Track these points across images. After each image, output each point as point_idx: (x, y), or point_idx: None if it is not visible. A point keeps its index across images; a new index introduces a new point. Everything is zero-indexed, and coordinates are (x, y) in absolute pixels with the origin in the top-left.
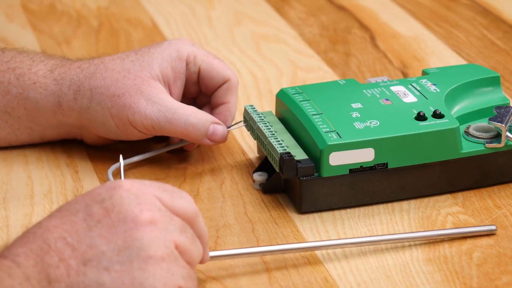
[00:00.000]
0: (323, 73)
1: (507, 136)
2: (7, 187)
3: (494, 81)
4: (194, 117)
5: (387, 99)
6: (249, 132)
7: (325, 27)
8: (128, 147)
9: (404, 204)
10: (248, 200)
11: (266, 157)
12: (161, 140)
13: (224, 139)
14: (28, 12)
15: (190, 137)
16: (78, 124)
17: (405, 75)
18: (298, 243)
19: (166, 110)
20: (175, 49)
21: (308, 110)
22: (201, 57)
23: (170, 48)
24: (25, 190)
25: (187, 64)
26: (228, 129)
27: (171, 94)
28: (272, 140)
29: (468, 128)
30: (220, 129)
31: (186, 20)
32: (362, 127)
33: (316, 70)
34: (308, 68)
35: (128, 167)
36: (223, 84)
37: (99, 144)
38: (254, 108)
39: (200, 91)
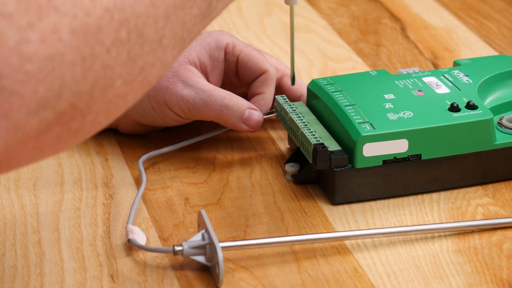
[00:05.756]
0: (353, 64)
1: None
2: (37, 174)
3: None
4: (229, 99)
5: (419, 90)
6: (278, 122)
7: (356, 17)
8: (159, 137)
9: (434, 195)
10: (278, 190)
11: (298, 148)
12: (192, 130)
13: (258, 125)
14: None
15: (225, 120)
16: None
17: (436, 66)
18: (327, 232)
19: (203, 92)
20: (214, 38)
21: (341, 101)
22: (240, 47)
23: (209, 37)
24: (55, 177)
25: (226, 54)
26: (264, 116)
27: (209, 81)
28: (305, 131)
29: (501, 119)
30: (256, 114)
31: None
32: (396, 118)
33: (347, 61)
34: (338, 58)
35: (159, 158)
36: (260, 75)
37: (134, 132)
38: (285, 98)
39: (239, 83)
